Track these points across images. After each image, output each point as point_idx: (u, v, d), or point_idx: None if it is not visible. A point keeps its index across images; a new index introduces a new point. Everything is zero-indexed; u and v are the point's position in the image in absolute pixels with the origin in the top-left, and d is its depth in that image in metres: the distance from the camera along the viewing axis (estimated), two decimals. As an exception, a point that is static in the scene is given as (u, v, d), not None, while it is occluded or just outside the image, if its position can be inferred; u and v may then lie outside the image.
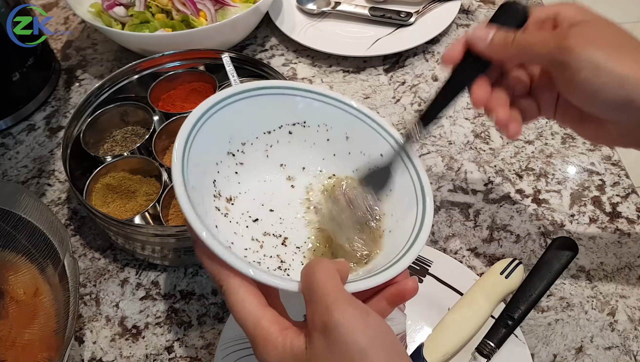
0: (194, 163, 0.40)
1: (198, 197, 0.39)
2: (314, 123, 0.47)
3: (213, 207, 0.43)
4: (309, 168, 0.48)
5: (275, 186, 0.47)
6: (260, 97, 0.45)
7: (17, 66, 0.67)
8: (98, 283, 0.56)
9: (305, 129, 0.47)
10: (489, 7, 0.84)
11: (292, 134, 0.47)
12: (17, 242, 0.52)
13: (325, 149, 0.48)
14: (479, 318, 0.49)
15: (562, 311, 0.53)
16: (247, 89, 0.44)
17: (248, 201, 0.45)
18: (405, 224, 0.41)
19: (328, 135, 0.47)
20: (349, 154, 0.47)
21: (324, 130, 0.47)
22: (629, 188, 0.61)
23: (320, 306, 0.31)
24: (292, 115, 0.47)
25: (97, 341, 0.52)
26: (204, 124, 0.42)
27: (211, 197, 0.43)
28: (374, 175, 0.45)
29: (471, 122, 0.68)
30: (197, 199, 0.38)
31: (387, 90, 0.73)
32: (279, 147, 0.47)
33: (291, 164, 0.48)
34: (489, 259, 0.56)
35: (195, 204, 0.37)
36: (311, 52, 0.77)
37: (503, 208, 0.60)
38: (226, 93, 0.43)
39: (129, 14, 0.73)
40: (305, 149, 0.48)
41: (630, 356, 0.50)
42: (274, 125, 0.47)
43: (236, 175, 0.46)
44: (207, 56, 0.67)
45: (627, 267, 0.55)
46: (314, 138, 0.47)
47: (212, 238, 0.34)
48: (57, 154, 0.67)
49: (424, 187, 0.42)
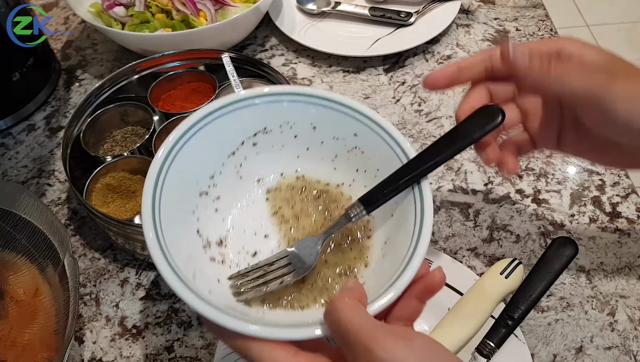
0: (169, 231, 0.36)
1: (187, 262, 0.37)
2: (274, 125, 0.44)
3: (207, 260, 0.40)
4: (286, 172, 0.46)
5: (260, 207, 0.45)
6: (208, 126, 0.42)
7: (17, 66, 0.67)
8: (98, 283, 0.56)
9: (268, 135, 0.45)
10: (489, 7, 0.84)
11: (257, 145, 0.45)
12: (17, 242, 0.52)
13: (297, 147, 0.45)
14: (479, 318, 0.49)
15: (562, 311, 0.53)
16: (190, 125, 0.41)
17: (239, 235, 0.43)
18: (405, 226, 0.39)
19: (293, 132, 0.45)
20: (322, 144, 0.45)
21: (287, 129, 0.45)
22: (629, 188, 0.61)
23: (359, 348, 0.30)
24: (250, 126, 0.44)
25: (97, 341, 0.52)
26: (164, 184, 0.38)
27: (201, 250, 0.41)
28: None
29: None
30: (186, 264, 0.36)
31: (387, 90, 0.73)
32: (249, 163, 0.45)
33: (267, 176, 0.46)
34: (489, 259, 0.56)
35: (186, 273, 0.34)
36: (311, 52, 0.77)
37: (503, 208, 0.60)
38: (172, 141, 0.40)
39: (129, 14, 0.73)
40: (276, 154, 0.45)
41: (630, 356, 0.50)
42: (236, 144, 0.44)
43: (217, 213, 0.43)
44: (207, 56, 0.67)
45: (627, 267, 0.55)
46: (280, 140, 0.45)
47: (217, 311, 0.32)
48: (57, 154, 0.67)
49: (424, 199, 0.39)
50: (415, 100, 0.71)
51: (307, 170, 0.46)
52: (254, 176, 0.45)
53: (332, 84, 0.73)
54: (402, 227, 0.39)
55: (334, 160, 0.45)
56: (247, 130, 0.44)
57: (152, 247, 0.35)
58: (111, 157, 0.59)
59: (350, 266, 0.42)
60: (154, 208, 0.37)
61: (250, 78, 0.67)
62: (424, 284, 0.35)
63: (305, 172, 0.46)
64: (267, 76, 0.66)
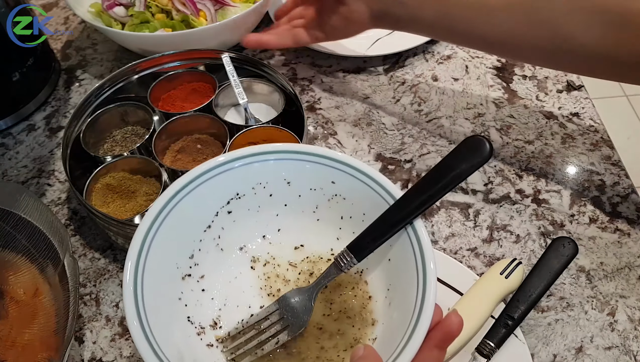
0: (157, 325, 0.35)
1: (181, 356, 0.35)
2: (247, 189, 0.43)
3: (204, 347, 0.38)
4: (268, 234, 0.44)
5: (248, 277, 0.43)
6: (177, 207, 0.40)
7: (17, 66, 0.67)
8: (98, 283, 0.56)
9: (242, 199, 0.43)
10: (489, 7, 0.84)
11: (232, 212, 0.43)
12: (17, 242, 0.52)
13: (274, 205, 0.44)
14: (479, 318, 0.49)
15: (562, 311, 0.53)
16: (157, 212, 0.39)
17: (233, 313, 0.41)
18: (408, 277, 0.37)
19: (267, 191, 0.43)
20: (299, 197, 0.44)
21: (261, 189, 0.43)
22: (629, 188, 0.61)
23: None
24: (221, 195, 0.42)
25: (97, 341, 0.52)
26: (144, 279, 0.36)
27: (196, 338, 0.39)
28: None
29: (471, 122, 0.68)
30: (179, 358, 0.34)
31: (387, 90, 0.73)
32: (228, 233, 0.43)
33: (249, 242, 0.44)
34: (489, 259, 0.56)
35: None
36: (311, 52, 0.77)
37: (503, 208, 0.60)
38: (142, 233, 0.38)
39: (129, 14, 0.73)
40: (254, 218, 0.44)
41: (630, 356, 0.50)
42: (210, 217, 0.42)
43: (205, 293, 0.41)
44: (207, 56, 0.67)
45: (627, 267, 0.55)
46: (256, 202, 0.43)
47: None
48: (57, 154, 0.67)
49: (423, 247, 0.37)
50: (415, 100, 0.71)
51: (288, 228, 0.44)
52: (235, 245, 0.44)
53: (332, 84, 0.73)
54: (403, 271, 0.38)
55: (315, 211, 0.44)
56: (219, 200, 0.42)
57: (137, 340, 0.33)
58: (111, 157, 0.59)
59: (355, 337, 0.39)
60: (137, 303, 0.35)
61: (250, 78, 0.67)
62: (442, 331, 0.34)
63: (285, 235, 0.44)
64: (267, 76, 0.66)
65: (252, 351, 0.38)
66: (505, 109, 0.70)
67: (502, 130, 0.67)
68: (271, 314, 0.40)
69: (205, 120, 0.62)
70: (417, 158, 0.65)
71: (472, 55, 0.76)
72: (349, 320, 0.41)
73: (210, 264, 0.42)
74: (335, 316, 0.41)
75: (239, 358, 0.38)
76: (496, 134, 0.67)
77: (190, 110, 0.63)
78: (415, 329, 0.33)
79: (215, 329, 0.40)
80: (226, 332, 0.40)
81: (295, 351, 0.39)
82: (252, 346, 0.38)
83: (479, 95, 0.71)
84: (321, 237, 0.44)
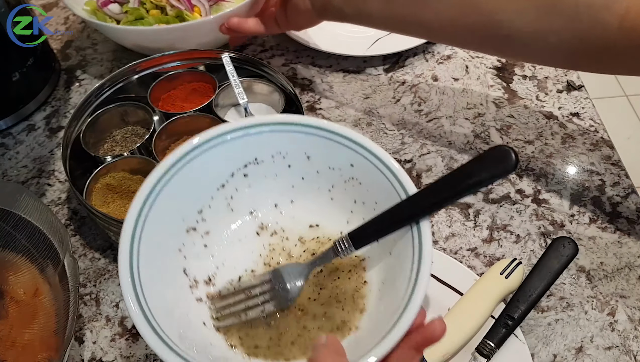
0: (149, 273, 0.35)
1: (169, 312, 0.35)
2: (266, 156, 0.43)
3: (193, 300, 0.39)
4: (280, 204, 0.44)
5: (252, 243, 0.43)
6: (195, 160, 0.40)
7: (17, 66, 0.67)
8: (98, 283, 0.56)
9: (260, 166, 0.43)
10: (489, 7, 0.84)
11: (248, 176, 0.43)
12: (17, 242, 0.52)
13: (291, 176, 0.44)
14: (479, 318, 0.49)
15: (562, 311, 0.53)
16: (176, 160, 0.39)
17: (228, 274, 0.41)
18: (400, 270, 0.37)
19: (287, 161, 0.43)
20: (317, 173, 0.43)
21: (280, 159, 0.43)
22: (629, 188, 0.61)
23: None
24: (239, 157, 0.42)
25: (97, 341, 0.52)
26: (146, 222, 0.37)
27: (187, 290, 0.39)
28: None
29: (471, 122, 0.68)
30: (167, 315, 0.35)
31: (387, 90, 0.73)
32: (241, 195, 0.43)
33: (260, 207, 0.44)
34: (489, 259, 0.56)
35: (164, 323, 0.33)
36: (311, 52, 0.77)
37: (503, 208, 0.60)
38: (154, 179, 0.38)
39: (123, 11, 0.73)
40: (269, 185, 0.44)
41: (630, 356, 0.50)
42: (225, 176, 0.42)
43: (205, 249, 0.41)
44: (207, 56, 0.67)
45: (627, 267, 0.55)
46: (273, 170, 0.43)
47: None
48: (57, 154, 0.67)
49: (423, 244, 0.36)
50: (415, 100, 0.71)
51: (302, 202, 0.44)
52: (246, 208, 0.44)
53: (332, 84, 0.73)
54: (399, 269, 0.38)
55: (330, 190, 0.44)
56: (237, 161, 0.43)
57: (125, 290, 0.34)
58: (111, 157, 0.59)
59: (343, 320, 0.40)
60: (131, 251, 0.35)
61: (250, 78, 0.67)
62: (423, 335, 0.34)
63: (297, 208, 0.44)
64: (267, 76, 0.66)
65: (236, 314, 0.39)
66: (505, 109, 0.70)
67: (502, 130, 0.67)
68: (263, 283, 0.40)
69: (206, 120, 0.62)
70: (417, 158, 0.65)
71: (472, 55, 0.76)
72: (339, 304, 0.41)
73: (218, 222, 0.42)
74: (322, 300, 0.41)
75: (222, 318, 0.39)
76: (496, 134, 0.67)
77: (191, 110, 0.63)
78: (394, 327, 0.33)
79: (208, 286, 0.40)
80: (217, 291, 0.40)
81: (274, 324, 0.40)
82: (237, 310, 0.39)
83: (479, 95, 0.71)
84: (333, 217, 0.44)
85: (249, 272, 0.42)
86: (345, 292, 0.41)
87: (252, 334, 0.39)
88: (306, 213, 0.44)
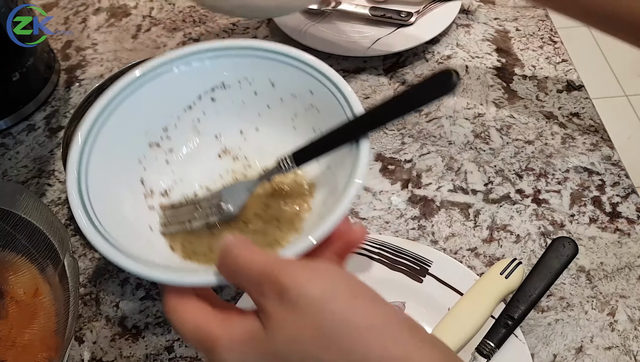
0: (102, 174, 0.38)
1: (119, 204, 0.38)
2: (232, 81, 0.44)
3: (145, 207, 0.41)
4: (245, 130, 0.45)
5: (213, 165, 0.45)
6: (163, 77, 0.42)
7: (17, 66, 0.67)
8: (98, 283, 0.56)
9: (228, 91, 0.44)
10: (489, 7, 0.84)
11: (215, 100, 0.44)
12: (17, 242, 0.52)
13: (257, 103, 0.45)
14: (479, 318, 0.49)
15: (562, 311, 0.53)
16: (141, 74, 0.41)
17: (184, 190, 0.43)
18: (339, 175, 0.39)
19: (253, 88, 0.44)
20: (281, 101, 0.44)
21: (247, 85, 0.44)
22: (629, 188, 0.61)
23: (259, 279, 0.29)
24: (206, 80, 0.43)
25: (97, 341, 0.52)
26: (102, 127, 0.39)
27: (141, 198, 0.41)
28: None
29: (471, 122, 0.68)
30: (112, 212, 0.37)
31: (387, 90, 0.73)
32: (208, 118, 0.45)
33: (226, 132, 0.45)
34: (489, 259, 0.56)
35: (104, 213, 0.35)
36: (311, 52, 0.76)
37: (503, 208, 0.60)
38: (118, 88, 0.40)
39: None
40: (236, 110, 0.45)
41: (630, 356, 0.50)
42: (192, 98, 0.44)
43: (167, 165, 0.43)
44: (207, 56, 0.67)
45: (627, 267, 0.55)
46: (240, 96, 0.44)
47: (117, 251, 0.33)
48: (57, 154, 0.67)
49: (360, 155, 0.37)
50: (415, 100, 0.71)
51: (267, 130, 0.45)
52: (212, 132, 0.45)
53: (332, 84, 0.73)
54: (335, 185, 0.39)
55: (293, 119, 0.44)
56: (204, 84, 0.43)
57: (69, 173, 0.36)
58: (111, 157, 0.59)
59: (275, 238, 0.41)
60: (84, 145, 0.38)
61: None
62: (344, 240, 0.34)
63: (262, 137, 0.45)
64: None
65: (182, 222, 0.41)
66: (505, 109, 0.70)
67: (502, 130, 0.67)
68: (212, 198, 0.42)
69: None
70: (417, 158, 0.65)
71: (472, 55, 0.76)
72: (279, 223, 0.42)
73: (182, 142, 0.44)
74: (265, 218, 0.42)
75: (169, 225, 0.41)
76: (496, 134, 0.67)
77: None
78: (314, 231, 0.34)
79: (163, 197, 0.42)
80: (170, 203, 0.42)
81: (216, 233, 0.41)
82: (183, 218, 0.41)
83: (479, 96, 0.71)
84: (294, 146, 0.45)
85: (205, 191, 0.44)
86: (290, 217, 0.42)
87: (195, 241, 0.40)
88: (270, 142, 0.45)
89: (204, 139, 0.45)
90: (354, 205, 0.60)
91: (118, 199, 0.39)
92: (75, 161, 0.37)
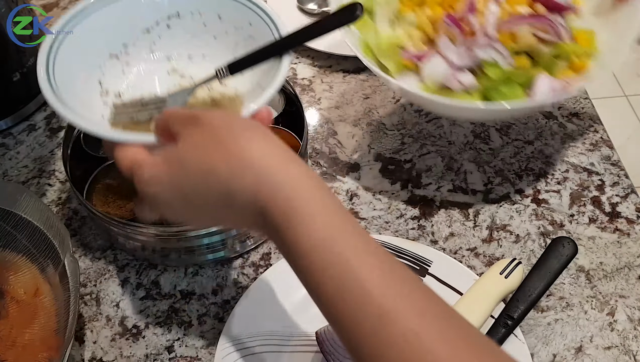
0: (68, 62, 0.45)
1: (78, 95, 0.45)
2: (186, 12, 0.51)
3: (100, 102, 0.48)
4: (194, 56, 0.52)
5: (163, 80, 0.52)
6: (121, 2, 0.49)
7: (17, 66, 0.67)
8: (98, 283, 0.56)
9: (181, 20, 0.51)
10: (489, 7, 0.84)
11: (170, 28, 0.51)
12: (17, 242, 0.53)
13: (206, 34, 0.51)
14: (478, 318, 0.49)
15: (561, 310, 0.53)
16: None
17: (137, 92, 0.50)
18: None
19: (202, 20, 0.51)
20: (226, 34, 0.51)
21: (198, 17, 0.51)
22: (628, 188, 0.61)
23: (185, 119, 0.36)
24: (164, 9, 0.51)
25: (98, 340, 0.52)
26: (75, 27, 0.47)
27: (97, 93, 0.49)
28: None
29: (471, 122, 0.68)
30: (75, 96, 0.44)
31: (387, 90, 0.73)
32: (163, 42, 0.52)
33: (177, 56, 0.52)
34: (488, 259, 0.56)
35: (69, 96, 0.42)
36: (311, 52, 0.77)
37: (503, 208, 0.60)
38: (80, 7, 0.47)
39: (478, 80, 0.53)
40: (187, 39, 0.52)
41: (629, 355, 0.50)
42: (150, 22, 0.51)
43: (123, 75, 0.51)
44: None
45: (627, 267, 0.55)
46: (192, 27, 0.51)
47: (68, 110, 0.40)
48: (58, 154, 0.67)
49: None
50: (415, 100, 0.71)
51: (212, 58, 0.50)
52: (165, 54, 0.52)
53: (332, 84, 0.73)
54: (260, 93, 0.44)
55: (234, 49, 0.50)
56: (161, 12, 0.51)
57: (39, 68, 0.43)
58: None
59: None
60: (51, 47, 0.45)
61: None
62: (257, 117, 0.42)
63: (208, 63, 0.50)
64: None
65: (129, 113, 0.47)
66: (505, 109, 0.70)
67: (502, 130, 0.67)
68: (158, 100, 0.48)
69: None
70: (417, 158, 0.65)
71: (472, 55, 0.76)
72: None
73: (138, 58, 0.52)
74: None
75: (117, 115, 0.47)
76: (496, 134, 0.67)
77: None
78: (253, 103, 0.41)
79: (116, 98, 0.50)
80: (121, 102, 0.49)
81: None
82: (131, 111, 0.47)
83: (479, 96, 0.71)
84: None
85: (153, 96, 0.50)
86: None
87: (136, 129, 0.46)
88: (213, 66, 0.49)
89: (157, 58, 0.52)
90: (354, 205, 0.61)
91: (77, 85, 0.46)
92: (48, 45, 0.44)
